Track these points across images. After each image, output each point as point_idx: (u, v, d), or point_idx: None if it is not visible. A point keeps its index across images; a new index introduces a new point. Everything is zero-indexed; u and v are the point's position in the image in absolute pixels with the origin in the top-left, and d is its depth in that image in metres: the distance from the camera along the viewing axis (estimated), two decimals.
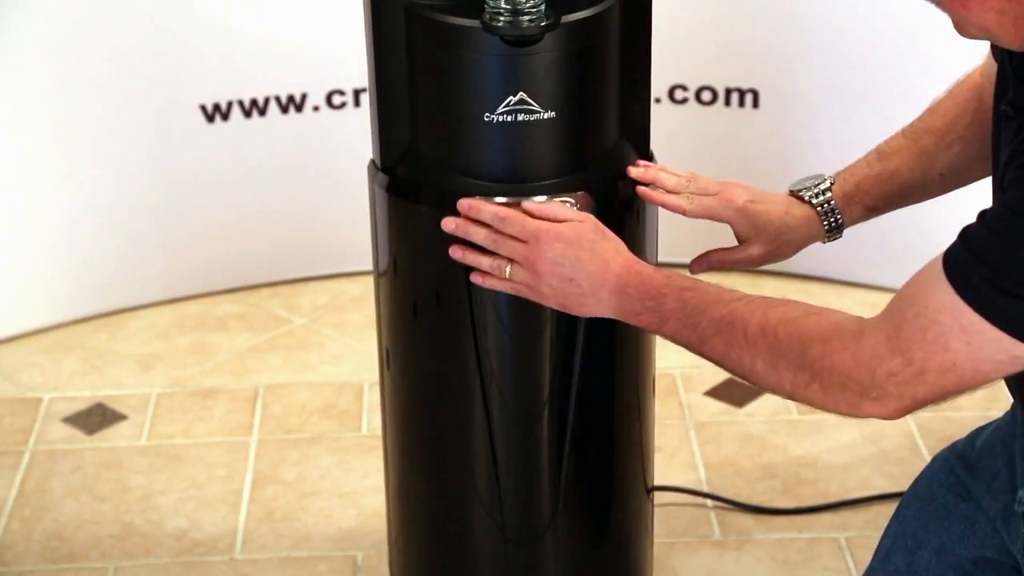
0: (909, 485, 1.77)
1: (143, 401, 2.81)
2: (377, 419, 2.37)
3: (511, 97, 1.66)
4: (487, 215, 1.67)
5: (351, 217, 2.73)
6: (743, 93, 3.05)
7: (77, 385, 2.86)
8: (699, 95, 3.06)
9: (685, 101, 3.07)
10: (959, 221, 1.39)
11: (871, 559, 1.75)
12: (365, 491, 2.54)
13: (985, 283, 1.32)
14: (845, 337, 1.43)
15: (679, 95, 3.07)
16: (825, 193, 1.76)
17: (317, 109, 3.06)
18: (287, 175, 3.10)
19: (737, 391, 2.78)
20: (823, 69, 2.99)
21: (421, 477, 1.93)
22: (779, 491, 2.53)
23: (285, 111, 3.04)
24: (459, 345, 1.79)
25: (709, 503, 2.50)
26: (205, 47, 2.95)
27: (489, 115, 1.67)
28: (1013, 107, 1.41)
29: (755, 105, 3.05)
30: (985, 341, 1.34)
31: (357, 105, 3.05)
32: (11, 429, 2.73)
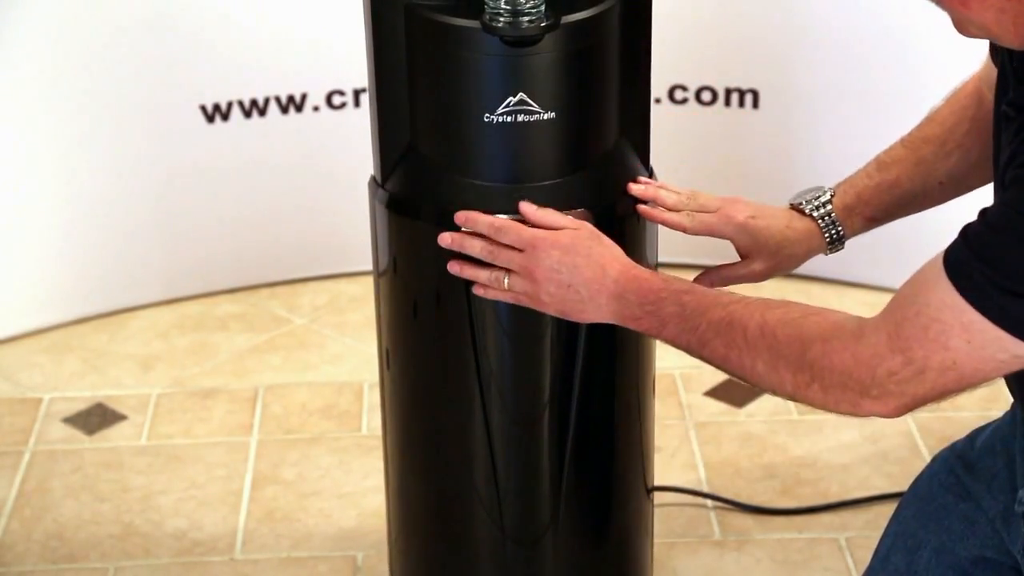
0: (909, 485, 1.77)
1: (143, 401, 2.81)
2: (377, 419, 2.37)
3: (511, 98, 1.66)
4: (483, 226, 1.67)
5: (351, 217, 2.73)
6: (743, 93, 3.04)
7: (77, 385, 2.86)
8: (699, 95, 3.06)
9: (685, 101, 3.07)
10: (959, 221, 1.39)
11: (871, 559, 1.76)
12: (365, 491, 2.54)
13: (986, 281, 1.32)
14: (845, 337, 1.43)
15: (679, 95, 3.07)
16: (826, 205, 1.76)
17: (317, 109, 3.06)
18: (287, 175, 3.10)
19: (737, 391, 2.78)
20: (823, 69, 2.99)
21: (421, 477, 1.92)
22: (779, 491, 2.53)
23: (285, 111, 3.04)
24: (459, 345, 1.78)
25: (709, 503, 2.50)
26: (205, 47, 2.95)
27: (489, 116, 1.67)
28: (1014, 107, 1.41)
29: (755, 105, 3.05)
30: (986, 340, 1.34)
31: (357, 105, 3.05)
32: (11, 429, 2.72)
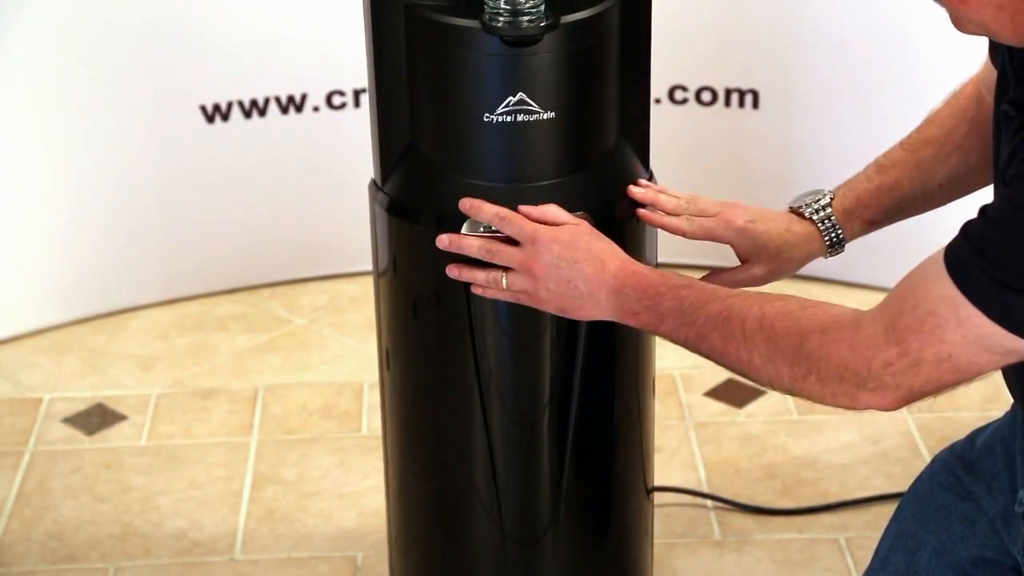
0: (909, 486, 1.77)
1: (143, 401, 2.81)
2: (377, 420, 2.37)
3: (511, 97, 1.66)
4: (487, 214, 1.67)
5: (351, 217, 2.73)
6: (743, 93, 3.04)
7: (77, 385, 2.86)
8: (699, 95, 3.06)
9: (685, 101, 3.06)
10: (959, 221, 1.39)
11: (871, 559, 1.75)
12: (365, 491, 2.54)
13: (985, 276, 1.32)
14: (843, 328, 1.43)
15: (679, 95, 3.07)
16: (825, 209, 1.76)
17: (317, 110, 3.06)
18: (287, 175, 3.10)
19: (737, 391, 2.77)
20: (823, 69, 2.99)
21: (421, 478, 1.92)
22: (779, 491, 2.53)
23: (285, 111, 3.04)
24: (459, 346, 1.78)
25: (709, 503, 2.50)
26: (205, 47, 2.95)
27: (489, 115, 1.67)
28: (1014, 106, 1.41)
29: (755, 106, 3.05)
30: (981, 334, 1.34)
31: (357, 106, 3.05)
32: (11, 429, 2.72)
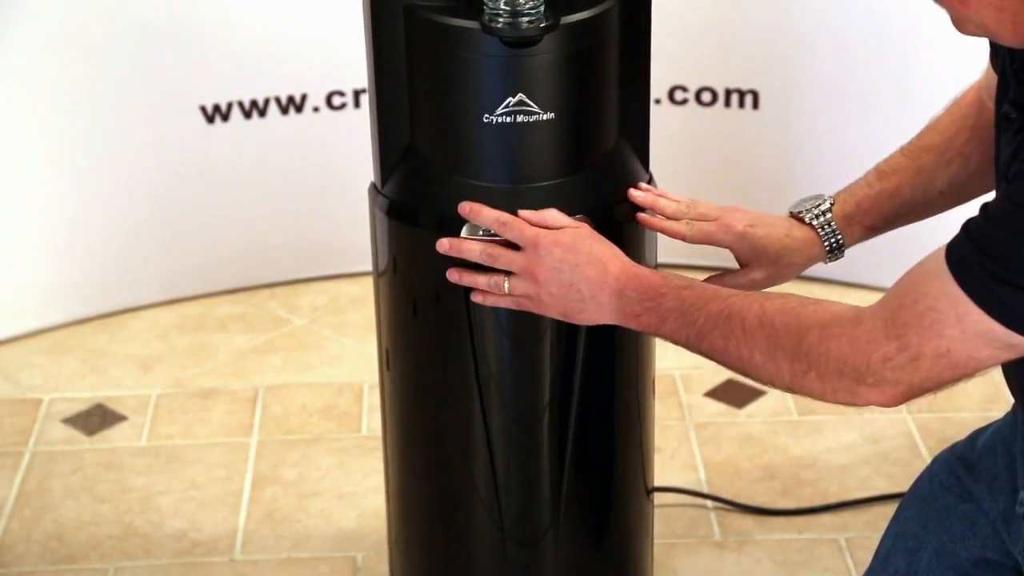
0: (909, 486, 1.77)
1: (143, 402, 2.81)
2: (377, 420, 2.37)
3: (510, 98, 1.66)
4: (487, 219, 1.67)
5: (351, 218, 2.73)
6: (743, 94, 3.04)
7: (77, 386, 2.86)
8: (699, 96, 3.06)
9: (685, 102, 3.06)
10: (961, 222, 1.39)
11: (871, 560, 1.75)
12: (365, 492, 2.54)
13: (985, 273, 1.33)
14: (842, 323, 1.44)
15: (679, 96, 3.06)
16: (825, 214, 1.76)
17: (317, 110, 3.06)
18: (287, 176, 3.09)
19: (737, 392, 2.77)
20: (823, 70, 2.99)
21: (421, 478, 1.92)
22: (779, 492, 2.53)
23: (285, 112, 3.04)
24: (459, 346, 1.78)
25: (709, 504, 2.50)
26: (205, 48, 2.95)
27: (488, 116, 1.67)
28: (1015, 107, 1.41)
29: (755, 106, 3.05)
30: (979, 330, 1.34)
31: (357, 106, 3.05)
32: (11, 430, 2.72)
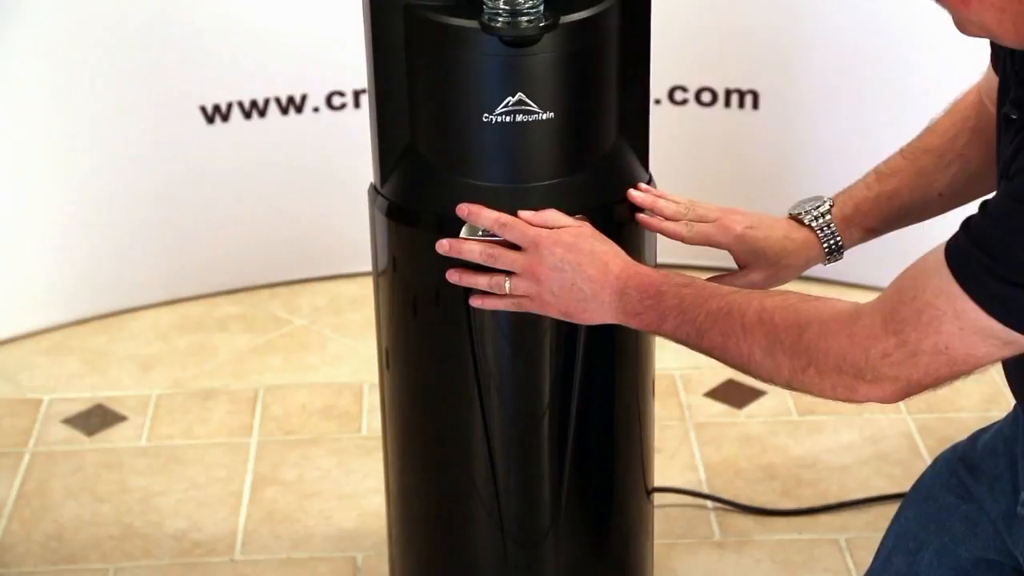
0: (910, 486, 1.77)
1: (143, 402, 2.81)
2: (377, 420, 2.37)
3: (510, 98, 1.66)
4: (487, 220, 1.67)
5: (351, 218, 2.73)
6: (743, 94, 3.04)
7: (77, 386, 2.86)
8: (699, 96, 3.06)
9: (685, 102, 3.06)
10: (961, 221, 1.39)
11: (872, 560, 1.75)
12: (365, 492, 2.54)
13: (983, 271, 1.33)
14: (841, 319, 1.44)
15: (679, 96, 3.06)
16: (825, 216, 1.76)
17: (317, 110, 3.06)
18: (287, 176, 3.09)
19: (737, 392, 2.77)
20: (823, 70, 2.99)
21: (421, 479, 1.92)
22: (779, 492, 2.52)
23: (285, 112, 3.04)
24: (459, 347, 1.78)
25: (709, 504, 2.50)
26: (205, 48, 2.95)
27: (488, 116, 1.66)
28: (1016, 107, 1.41)
29: (755, 106, 3.04)
30: (977, 327, 1.35)
31: (357, 106, 3.05)
32: (11, 430, 2.72)
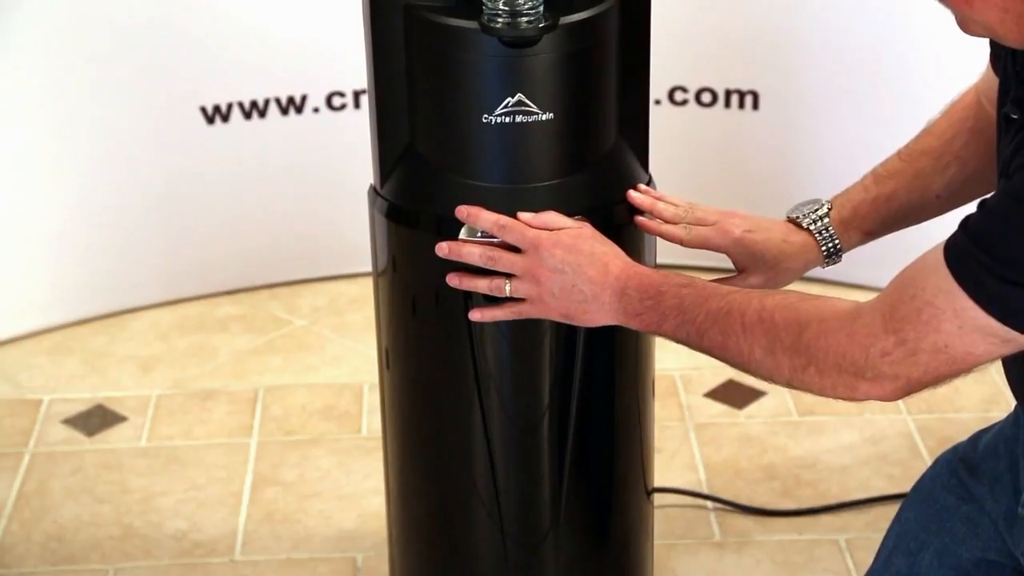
0: (911, 487, 1.77)
1: (143, 403, 2.81)
2: (377, 421, 2.37)
3: (509, 98, 1.66)
4: (486, 222, 1.67)
5: (351, 219, 2.73)
6: (743, 95, 3.04)
7: (77, 387, 2.86)
8: (699, 97, 3.06)
9: (685, 103, 3.06)
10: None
11: (872, 561, 1.75)
12: (365, 493, 2.54)
13: (982, 270, 1.33)
14: (841, 318, 1.44)
15: (679, 96, 3.06)
16: (823, 219, 1.76)
17: (317, 111, 3.06)
18: (287, 177, 3.09)
19: (737, 392, 2.77)
20: (823, 71, 2.99)
21: (421, 479, 1.92)
22: (779, 493, 2.52)
23: (285, 112, 3.04)
24: (459, 347, 1.78)
25: (709, 505, 2.50)
26: (205, 49, 2.95)
27: (488, 116, 1.66)
28: (1017, 105, 1.41)
29: (755, 107, 3.04)
30: (976, 325, 1.35)
31: (357, 107, 3.05)
32: (11, 431, 2.72)
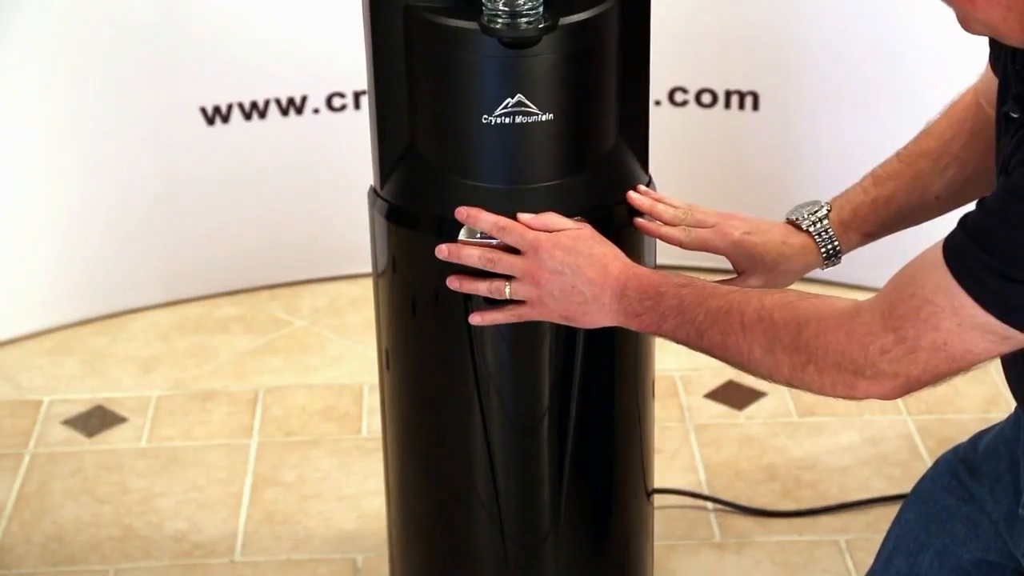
0: (911, 488, 1.77)
1: (143, 403, 2.81)
2: (377, 421, 2.37)
3: (509, 99, 1.66)
4: (486, 224, 1.67)
5: (351, 219, 2.73)
6: (743, 96, 3.04)
7: (77, 387, 2.86)
8: (699, 97, 3.06)
9: (685, 103, 3.06)
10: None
11: (873, 562, 1.75)
12: (365, 493, 2.54)
13: (981, 267, 1.33)
14: (840, 316, 1.44)
15: (679, 97, 3.06)
16: (822, 220, 1.76)
17: (317, 111, 3.06)
18: (287, 177, 3.09)
19: (737, 393, 2.77)
20: (823, 72, 2.99)
21: (421, 480, 1.92)
22: (779, 493, 2.52)
23: (285, 113, 3.04)
24: (459, 348, 1.78)
25: (709, 505, 2.50)
26: (205, 49, 2.95)
27: (487, 117, 1.66)
28: (1017, 104, 1.41)
29: (755, 108, 3.04)
30: (975, 323, 1.35)
31: (357, 108, 3.05)
32: (11, 431, 2.72)
